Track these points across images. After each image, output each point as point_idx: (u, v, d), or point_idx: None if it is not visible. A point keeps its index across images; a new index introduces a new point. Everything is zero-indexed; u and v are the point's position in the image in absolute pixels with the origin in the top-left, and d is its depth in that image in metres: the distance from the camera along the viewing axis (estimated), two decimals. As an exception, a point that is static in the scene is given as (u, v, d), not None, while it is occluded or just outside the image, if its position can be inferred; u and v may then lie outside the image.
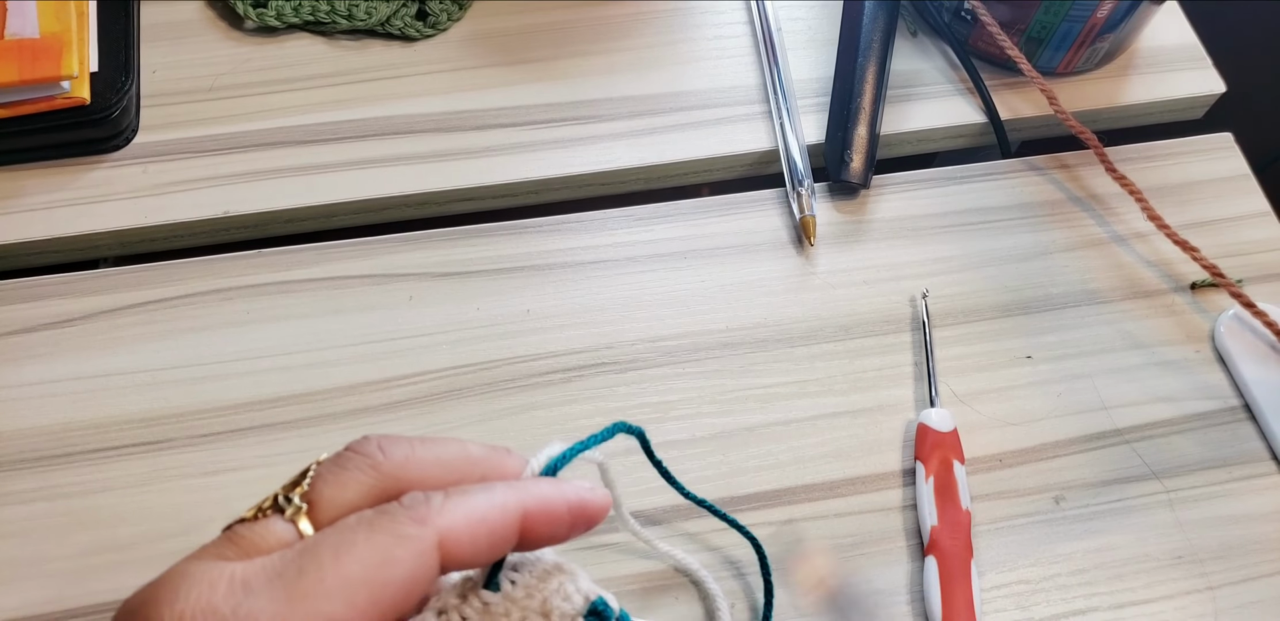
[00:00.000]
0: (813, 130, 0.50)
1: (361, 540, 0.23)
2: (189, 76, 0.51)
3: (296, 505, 0.24)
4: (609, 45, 0.53)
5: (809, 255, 0.47)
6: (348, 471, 0.25)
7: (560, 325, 0.45)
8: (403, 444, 0.25)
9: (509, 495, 0.25)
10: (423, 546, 0.23)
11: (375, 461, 0.25)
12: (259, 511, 0.24)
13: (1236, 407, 0.44)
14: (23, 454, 0.42)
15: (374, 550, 0.23)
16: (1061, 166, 0.50)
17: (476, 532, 0.24)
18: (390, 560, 0.23)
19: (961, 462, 0.41)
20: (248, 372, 0.44)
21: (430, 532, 0.23)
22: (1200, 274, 0.47)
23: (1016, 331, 0.46)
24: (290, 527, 0.24)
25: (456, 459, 0.26)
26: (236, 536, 0.24)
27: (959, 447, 0.42)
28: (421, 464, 0.25)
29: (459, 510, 0.24)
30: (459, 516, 0.24)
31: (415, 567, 0.23)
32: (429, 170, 0.49)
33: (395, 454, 0.25)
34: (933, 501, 0.40)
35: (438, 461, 0.26)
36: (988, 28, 0.49)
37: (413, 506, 0.24)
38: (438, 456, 0.26)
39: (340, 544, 0.23)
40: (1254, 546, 0.41)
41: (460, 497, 0.24)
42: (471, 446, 0.26)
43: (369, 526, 0.23)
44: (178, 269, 0.46)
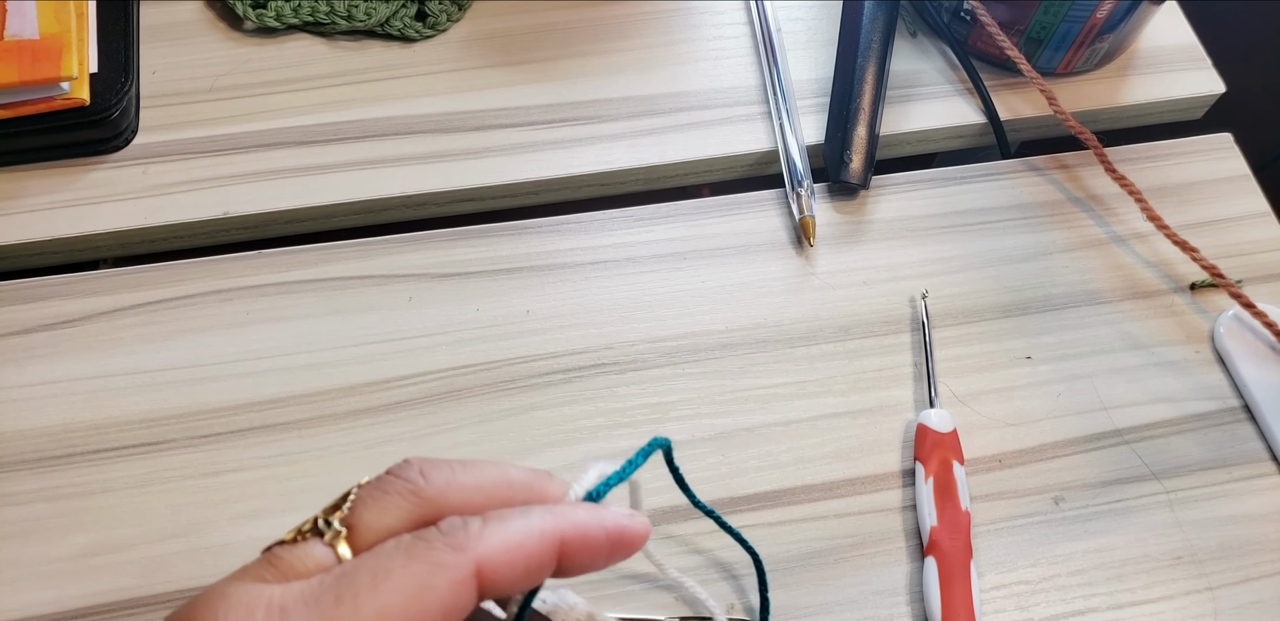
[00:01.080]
0: (812, 131, 0.50)
1: (399, 567, 0.23)
2: (189, 77, 0.51)
3: (336, 529, 0.24)
4: (609, 46, 0.53)
5: (808, 256, 0.47)
6: (388, 496, 0.25)
7: (560, 326, 0.45)
8: (444, 468, 0.25)
9: (547, 521, 0.25)
10: (460, 574, 0.23)
11: (417, 486, 0.25)
12: (299, 534, 0.25)
13: (1236, 408, 0.44)
14: (23, 454, 0.42)
15: (411, 578, 0.23)
16: (1061, 167, 0.50)
17: (514, 560, 0.24)
18: (427, 588, 0.22)
19: (961, 463, 0.41)
20: (248, 373, 0.44)
21: (468, 560, 0.23)
22: (1200, 274, 0.47)
23: (1016, 332, 0.46)
24: (329, 552, 0.24)
25: (497, 484, 0.26)
26: (275, 559, 0.24)
27: (959, 448, 0.42)
28: (462, 489, 0.25)
29: (496, 537, 0.24)
30: (497, 543, 0.24)
31: (452, 595, 0.23)
32: (429, 171, 0.49)
33: (437, 479, 0.25)
34: (932, 502, 0.40)
35: (478, 487, 0.25)
36: (987, 28, 0.49)
37: (450, 533, 0.24)
38: (479, 481, 0.26)
39: (378, 571, 0.23)
40: (1253, 547, 0.41)
41: (498, 524, 0.24)
42: (513, 471, 0.26)
43: (406, 553, 0.23)
44: (178, 270, 0.46)
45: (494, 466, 0.26)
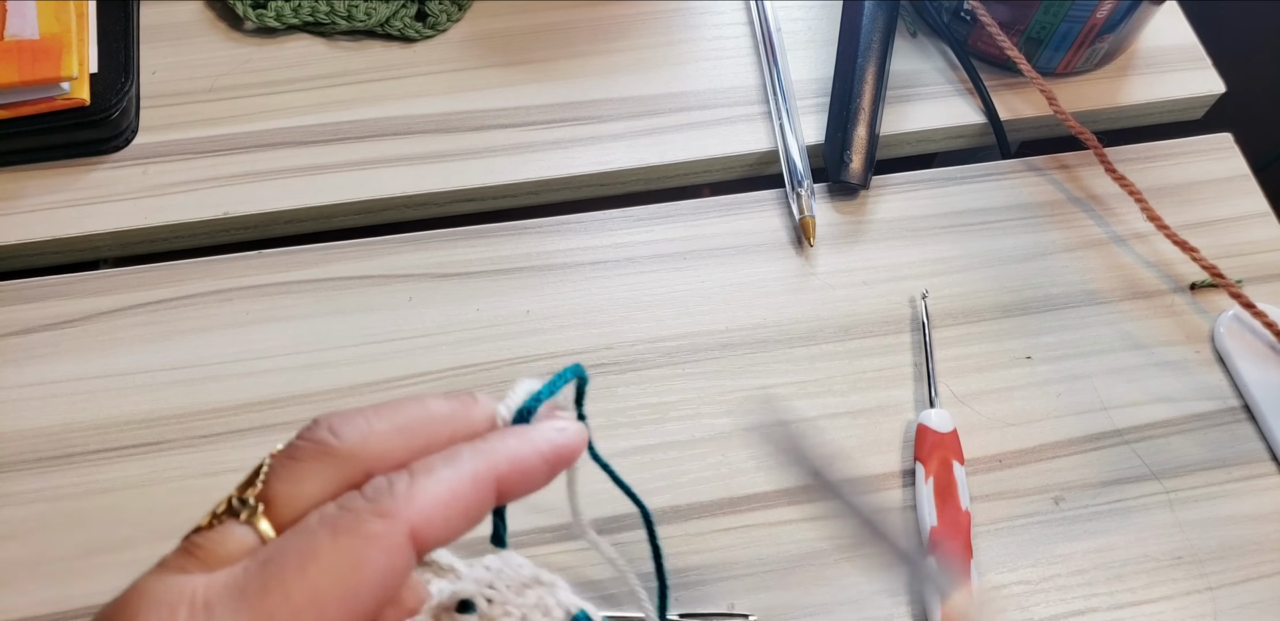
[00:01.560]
0: (812, 131, 0.50)
1: (326, 546, 0.21)
2: (189, 77, 0.51)
3: (252, 506, 0.22)
4: (609, 46, 0.53)
5: (808, 256, 0.47)
6: (302, 462, 0.23)
7: (560, 326, 0.45)
8: (357, 419, 0.23)
9: (479, 464, 0.23)
10: (393, 541, 0.21)
11: (329, 446, 0.23)
12: (214, 517, 0.23)
13: (1236, 408, 0.44)
14: (23, 455, 0.42)
15: (341, 556, 0.21)
16: (1061, 167, 0.50)
17: (450, 514, 0.22)
18: (360, 563, 0.21)
19: (961, 463, 0.41)
20: (248, 373, 0.44)
21: (400, 525, 0.21)
22: (1200, 274, 0.47)
23: (1016, 332, 0.46)
24: (249, 531, 0.22)
25: (418, 422, 0.24)
26: (194, 547, 0.22)
27: (958, 448, 0.42)
28: (381, 438, 0.23)
29: (426, 494, 0.22)
30: (427, 501, 0.22)
31: (388, 566, 0.21)
32: (429, 171, 0.49)
33: (349, 434, 0.23)
34: (932, 502, 0.40)
35: (398, 430, 0.23)
36: (987, 28, 0.49)
37: (376, 498, 0.22)
38: (397, 424, 0.23)
39: (304, 551, 0.21)
40: (1253, 547, 0.41)
41: (426, 478, 0.22)
42: (433, 403, 0.24)
43: (332, 528, 0.21)
44: (178, 270, 0.46)
45: (411, 402, 0.24)
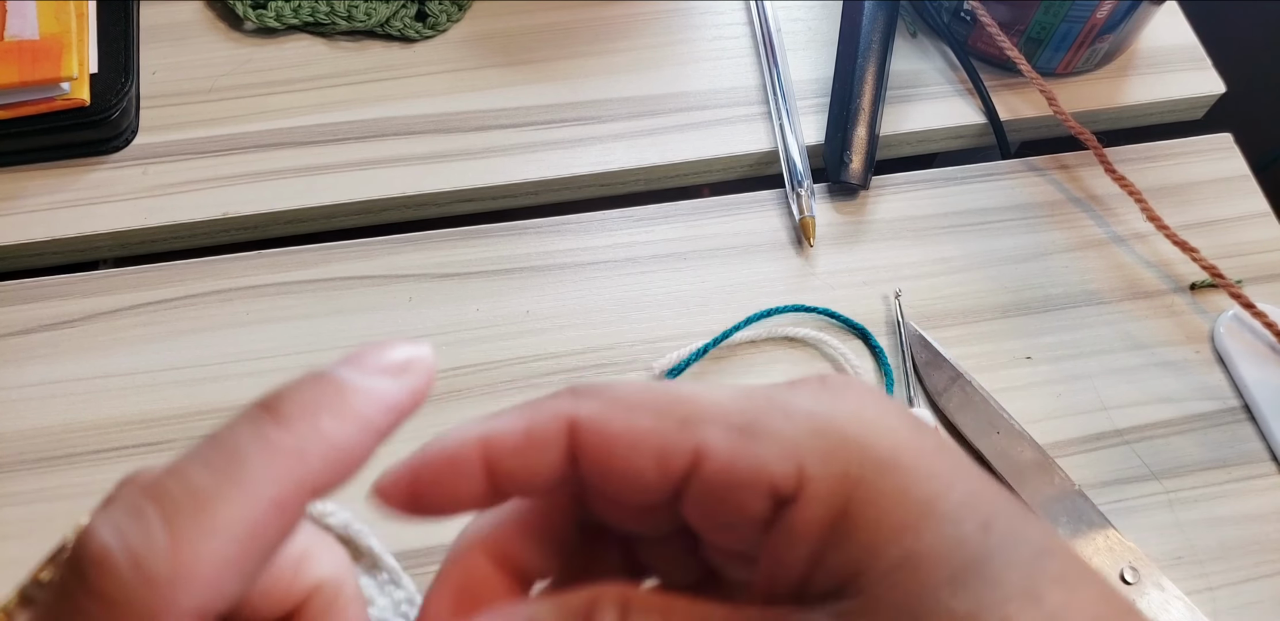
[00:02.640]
0: (812, 131, 0.50)
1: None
2: (189, 78, 0.51)
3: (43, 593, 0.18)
4: (609, 46, 0.53)
5: (808, 256, 0.47)
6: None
7: (560, 326, 0.45)
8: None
9: (282, 484, 0.18)
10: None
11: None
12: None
13: (1236, 408, 0.44)
14: (23, 455, 0.42)
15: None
16: (1061, 167, 0.50)
17: (245, 568, 0.17)
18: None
19: None
20: (248, 374, 0.44)
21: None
22: (1200, 274, 0.47)
23: (1016, 332, 0.46)
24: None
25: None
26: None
27: None
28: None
29: (200, 559, 0.16)
30: (206, 567, 0.17)
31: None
32: (429, 171, 0.49)
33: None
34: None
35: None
36: (987, 28, 0.49)
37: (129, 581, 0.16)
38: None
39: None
40: (1254, 547, 0.41)
41: (194, 530, 0.17)
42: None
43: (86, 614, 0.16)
44: (178, 270, 0.46)
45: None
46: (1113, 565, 0.40)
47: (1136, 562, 0.40)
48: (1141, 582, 0.40)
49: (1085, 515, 0.41)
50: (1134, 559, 0.40)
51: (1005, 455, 0.42)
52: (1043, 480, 0.41)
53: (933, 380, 0.44)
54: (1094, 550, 0.40)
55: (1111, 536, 0.40)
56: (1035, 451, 0.42)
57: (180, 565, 0.16)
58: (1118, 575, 0.40)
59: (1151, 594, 0.39)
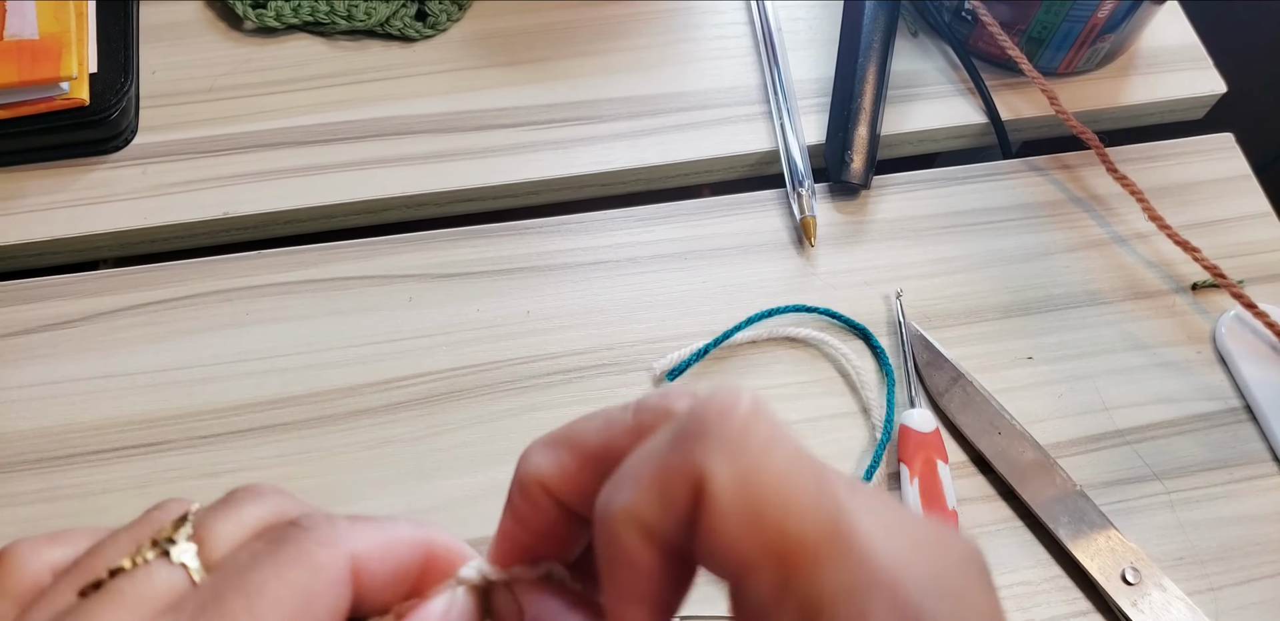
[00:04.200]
0: (813, 131, 0.50)
1: (272, 579, 0.19)
2: (188, 77, 0.50)
3: (184, 546, 0.20)
4: (609, 45, 0.52)
5: (809, 256, 0.47)
6: (240, 506, 0.21)
7: (561, 326, 0.45)
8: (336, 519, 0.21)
9: (416, 530, 0.21)
10: (339, 574, 0.19)
11: (266, 493, 0.21)
12: (136, 558, 0.20)
13: (1237, 408, 0.44)
14: (23, 455, 0.42)
15: (291, 589, 0.19)
16: (1062, 167, 0.50)
17: (386, 561, 0.20)
18: (311, 596, 0.19)
19: (945, 462, 0.41)
20: (248, 374, 0.44)
21: (344, 556, 0.19)
22: (1201, 274, 0.47)
23: (1018, 332, 0.46)
24: (179, 572, 0.19)
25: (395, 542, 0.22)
26: (116, 594, 0.19)
27: (942, 447, 0.42)
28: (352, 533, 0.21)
29: (369, 533, 0.20)
30: (370, 539, 0.20)
31: (336, 600, 0.19)
32: (429, 171, 0.49)
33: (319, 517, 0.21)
34: (918, 503, 0.40)
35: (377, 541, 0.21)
36: (988, 28, 0.49)
37: (314, 527, 0.20)
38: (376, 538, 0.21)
39: (249, 588, 0.18)
40: (1255, 547, 0.41)
41: (365, 523, 0.21)
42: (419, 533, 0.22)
43: (274, 559, 0.19)
44: (178, 270, 0.46)
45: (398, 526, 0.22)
46: (1114, 565, 0.40)
47: (1138, 563, 0.40)
48: (1143, 583, 0.39)
49: (1087, 515, 0.41)
50: (1135, 559, 0.40)
51: (1007, 455, 0.42)
52: (1044, 480, 0.41)
53: (934, 380, 0.44)
54: (1095, 550, 0.40)
55: (1113, 537, 0.40)
56: (1037, 451, 0.42)
57: (352, 530, 0.20)
58: (1119, 576, 0.40)
59: (1153, 594, 0.39)
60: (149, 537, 0.20)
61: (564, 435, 0.22)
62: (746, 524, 0.17)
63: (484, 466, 0.42)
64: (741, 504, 0.17)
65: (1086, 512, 0.41)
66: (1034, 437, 0.42)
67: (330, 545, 0.19)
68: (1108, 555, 0.40)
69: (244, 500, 0.21)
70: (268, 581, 0.19)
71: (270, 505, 0.21)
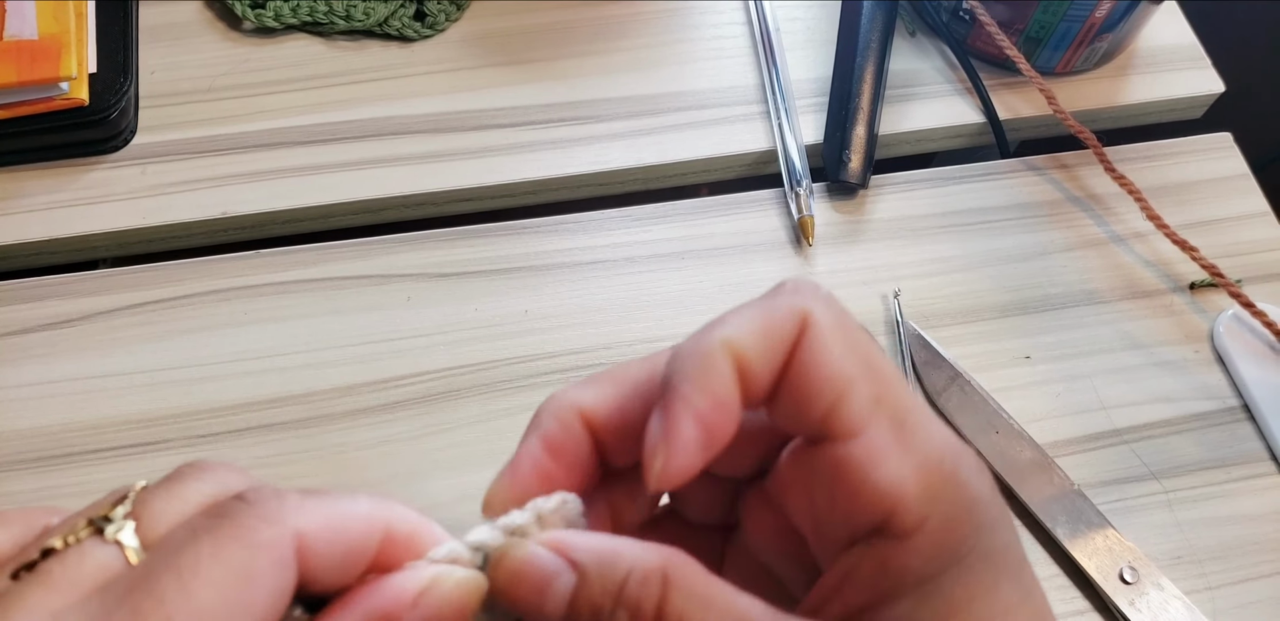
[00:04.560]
0: (811, 130, 0.50)
1: (208, 557, 0.18)
2: (187, 77, 0.51)
3: (119, 523, 0.19)
4: (607, 45, 0.53)
5: (807, 255, 0.47)
6: (183, 482, 0.20)
7: (559, 326, 0.45)
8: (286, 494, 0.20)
9: (374, 507, 0.20)
10: (281, 553, 0.18)
11: (213, 468, 0.21)
12: (68, 538, 0.19)
13: (1235, 408, 0.44)
14: (21, 455, 0.42)
15: (227, 568, 0.18)
16: (1060, 166, 0.50)
17: (335, 540, 0.19)
18: (250, 576, 0.18)
19: None
20: (246, 373, 0.44)
21: (288, 534, 0.18)
22: (1199, 274, 0.47)
23: (1015, 332, 0.46)
24: (113, 551, 0.19)
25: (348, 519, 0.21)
26: (45, 575, 0.18)
27: None
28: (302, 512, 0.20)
29: (318, 509, 0.19)
30: (319, 517, 0.19)
31: (278, 580, 0.18)
32: (427, 171, 0.49)
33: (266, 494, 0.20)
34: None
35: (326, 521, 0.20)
36: (986, 27, 0.49)
37: (258, 503, 0.19)
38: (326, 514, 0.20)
39: (182, 566, 0.18)
40: (1253, 546, 0.41)
41: (317, 498, 0.20)
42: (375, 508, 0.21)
43: (212, 536, 0.18)
44: (176, 270, 0.46)
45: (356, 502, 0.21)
46: (1111, 565, 0.40)
47: (1135, 562, 0.40)
48: (1140, 582, 0.39)
49: (1084, 515, 0.41)
50: (1133, 558, 0.40)
51: (1004, 455, 0.42)
52: (1042, 480, 0.41)
53: (932, 380, 0.44)
54: (1093, 550, 0.40)
55: (1110, 536, 0.40)
56: (1034, 451, 0.42)
57: (301, 506, 0.19)
58: (1117, 575, 0.40)
59: (1151, 593, 0.39)
60: (87, 517, 0.19)
61: (603, 372, 0.23)
62: (849, 349, 0.21)
63: (482, 466, 0.42)
64: (842, 335, 0.21)
65: (1084, 512, 0.41)
66: (1031, 437, 0.42)
67: (273, 522, 0.18)
68: (1105, 554, 0.40)
69: (188, 476, 0.20)
70: (203, 560, 0.18)
71: (216, 480, 0.20)
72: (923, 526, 0.20)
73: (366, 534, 0.20)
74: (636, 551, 0.20)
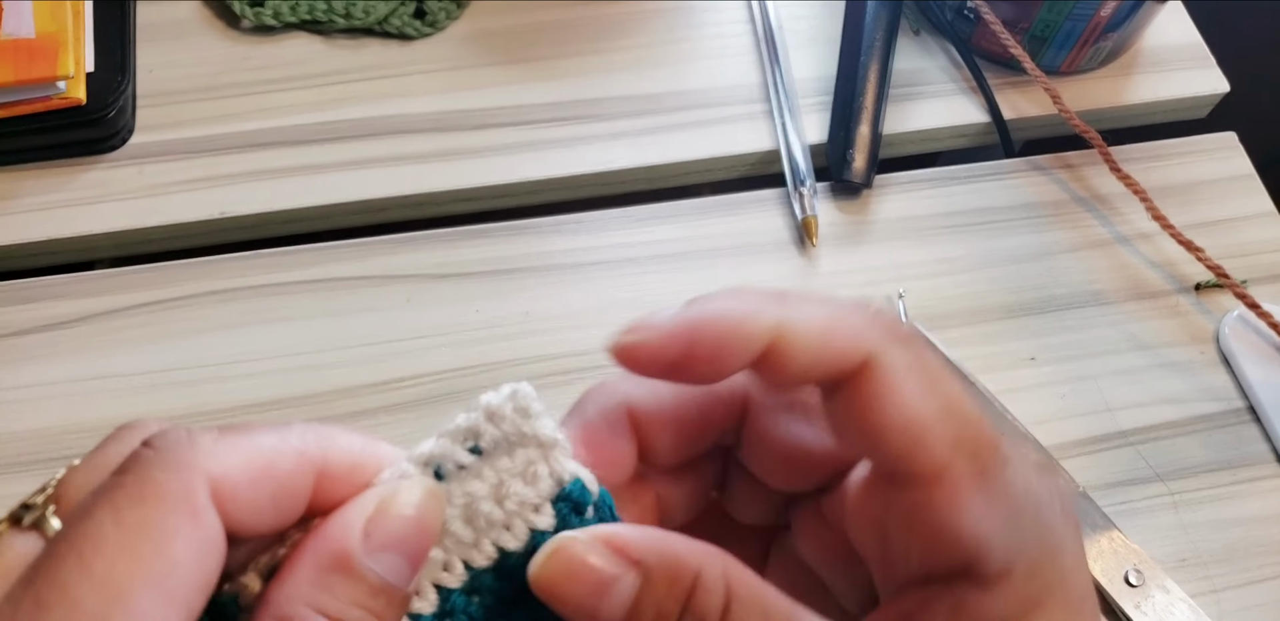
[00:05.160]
0: (815, 130, 0.50)
1: (109, 525, 0.16)
2: (185, 76, 0.50)
3: (38, 508, 0.18)
4: (609, 44, 0.52)
5: (811, 256, 0.47)
6: (104, 448, 0.19)
7: (560, 327, 0.45)
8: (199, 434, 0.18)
9: (306, 439, 0.18)
10: (193, 504, 0.16)
11: (138, 426, 0.19)
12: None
13: (1241, 409, 0.44)
14: (20, 456, 0.41)
15: (133, 534, 0.16)
16: (1065, 166, 0.50)
17: (260, 481, 0.17)
18: (159, 536, 0.16)
19: None
20: (245, 375, 0.43)
21: (196, 481, 0.17)
22: (1205, 274, 0.47)
23: (1020, 333, 0.46)
24: (34, 539, 0.17)
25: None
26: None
27: None
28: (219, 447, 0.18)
29: (236, 450, 0.17)
30: (235, 458, 0.17)
31: (199, 532, 0.16)
32: (427, 170, 0.48)
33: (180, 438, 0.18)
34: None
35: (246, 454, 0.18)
36: (991, 26, 0.49)
37: (164, 449, 0.17)
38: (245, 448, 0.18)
39: (82, 541, 0.16)
40: (1258, 549, 0.41)
41: (234, 436, 0.18)
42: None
43: (111, 500, 0.16)
44: (175, 270, 0.46)
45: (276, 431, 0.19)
46: (1117, 567, 0.40)
47: (1141, 565, 0.40)
48: (1146, 585, 0.39)
49: (1090, 517, 0.41)
50: (1138, 561, 0.40)
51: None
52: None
53: (936, 381, 0.44)
54: (1098, 552, 0.40)
55: (1116, 538, 0.40)
56: (1040, 453, 0.42)
57: (214, 449, 0.17)
58: (1122, 577, 0.39)
59: (1156, 596, 0.39)
60: (9, 511, 0.18)
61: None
62: (926, 391, 0.19)
63: (483, 468, 0.42)
64: (918, 376, 0.19)
65: (1089, 514, 0.41)
66: (1036, 439, 0.42)
67: (179, 469, 0.17)
68: (1111, 557, 0.40)
69: (110, 440, 0.19)
70: (104, 529, 0.16)
71: (137, 436, 0.18)
72: (1007, 575, 0.19)
73: (296, 471, 0.18)
74: (697, 553, 0.19)
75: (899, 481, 0.19)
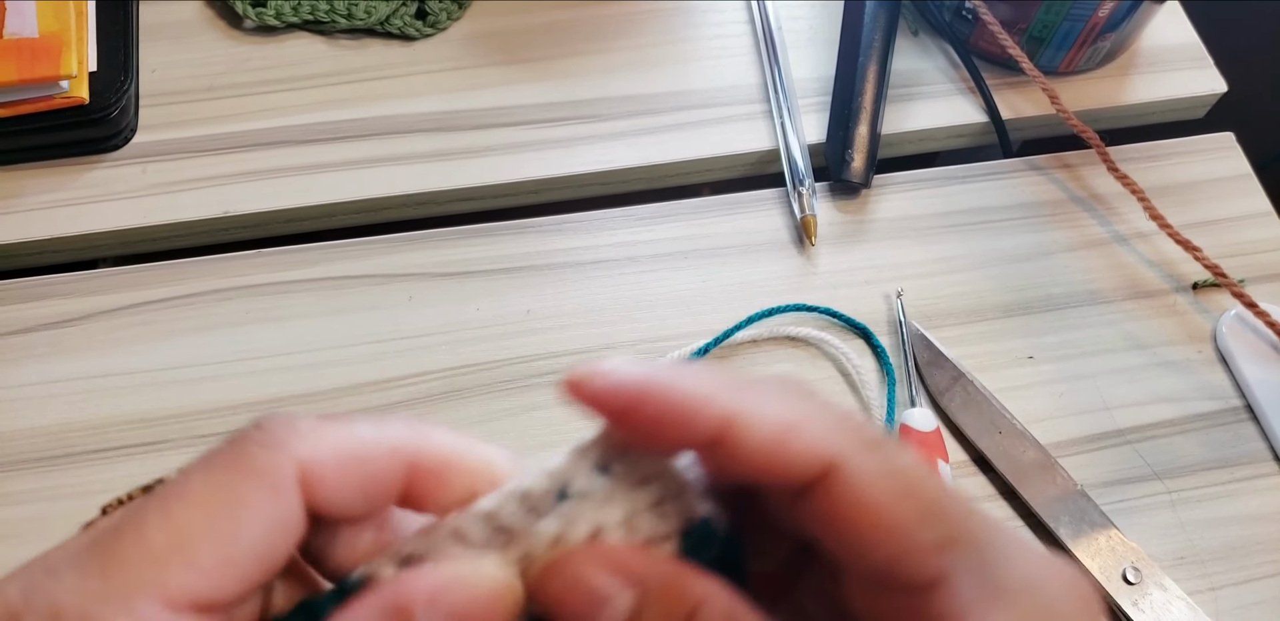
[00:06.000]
0: (814, 129, 0.50)
1: (198, 482, 0.17)
2: (188, 76, 0.50)
3: (168, 478, 0.19)
4: (609, 44, 0.52)
5: (810, 255, 0.47)
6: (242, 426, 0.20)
7: (561, 325, 0.45)
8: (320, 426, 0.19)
9: (402, 435, 0.19)
10: (277, 480, 0.17)
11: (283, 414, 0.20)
12: (123, 498, 0.19)
13: (1238, 408, 0.44)
14: (22, 454, 0.42)
15: (214, 492, 0.17)
16: (1063, 166, 0.50)
17: (349, 470, 0.18)
18: (238, 502, 0.17)
19: (946, 461, 0.41)
20: (247, 373, 0.43)
21: (287, 461, 0.18)
22: (1202, 274, 0.47)
23: (1018, 332, 0.46)
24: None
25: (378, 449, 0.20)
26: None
27: (942, 447, 0.42)
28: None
29: (331, 437, 0.18)
30: (328, 445, 0.18)
31: (275, 509, 0.17)
32: (429, 170, 0.48)
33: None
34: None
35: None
36: (989, 27, 0.49)
37: (265, 428, 0.18)
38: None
39: (172, 491, 0.17)
40: (1256, 547, 0.41)
41: (335, 425, 0.19)
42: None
43: (207, 462, 0.18)
44: (177, 269, 0.46)
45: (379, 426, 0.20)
46: (1115, 565, 0.40)
47: (1139, 563, 0.40)
48: (1144, 583, 0.39)
49: (1088, 515, 0.41)
50: (1136, 559, 0.40)
51: (1008, 455, 0.42)
52: (1045, 480, 0.41)
53: (935, 380, 0.44)
54: (1096, 550, 0.40)
55: (1114, 536, 0.40)
56: (1038, 451, 0.42)
57: (313, 434, 0.18)
58: (1120, 575, 0.40)
59: (1154, 594, 0.39)
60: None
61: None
62: (900, 495, 0.18)
63: (484, 465, 0.42)
64: (888, 480, 0.18)
65: (1087, 512, 0.41)
66: (1035, 437, 0.42)
67: (272, 447, 0.18)
68: (1108, 554, 0.40)
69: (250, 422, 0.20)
70: (192, 485, 0.17)
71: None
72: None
73: (387, 462, 0.19)
74: (703, 584, 0.19)
75: (893, 588, 0.19)
